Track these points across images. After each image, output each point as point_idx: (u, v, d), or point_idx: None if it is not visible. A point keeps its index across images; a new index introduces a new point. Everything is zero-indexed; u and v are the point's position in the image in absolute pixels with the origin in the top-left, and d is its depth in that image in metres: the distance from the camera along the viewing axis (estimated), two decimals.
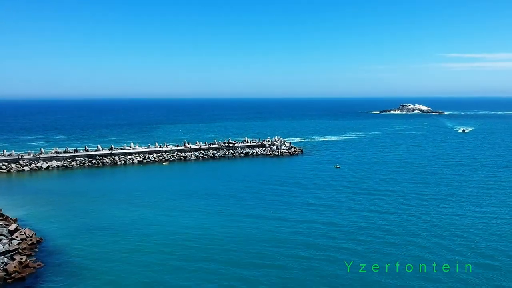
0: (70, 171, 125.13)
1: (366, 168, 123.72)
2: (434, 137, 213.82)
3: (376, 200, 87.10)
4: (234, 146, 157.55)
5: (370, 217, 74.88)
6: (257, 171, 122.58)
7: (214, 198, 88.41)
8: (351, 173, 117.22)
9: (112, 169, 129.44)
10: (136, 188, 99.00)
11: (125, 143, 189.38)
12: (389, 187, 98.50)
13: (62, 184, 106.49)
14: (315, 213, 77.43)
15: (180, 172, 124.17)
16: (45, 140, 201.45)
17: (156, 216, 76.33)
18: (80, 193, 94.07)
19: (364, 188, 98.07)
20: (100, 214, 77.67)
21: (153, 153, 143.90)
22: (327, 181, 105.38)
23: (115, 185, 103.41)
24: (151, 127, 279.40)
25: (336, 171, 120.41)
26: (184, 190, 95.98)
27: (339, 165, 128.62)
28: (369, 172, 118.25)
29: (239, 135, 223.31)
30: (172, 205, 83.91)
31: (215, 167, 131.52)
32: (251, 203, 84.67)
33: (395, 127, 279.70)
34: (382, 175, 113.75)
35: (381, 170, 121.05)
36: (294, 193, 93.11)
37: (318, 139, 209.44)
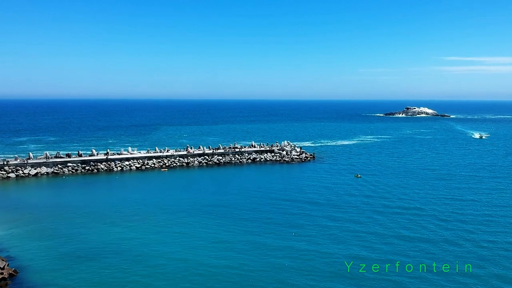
0: (61, 178, 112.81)
1: (388, 178, 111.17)
2: (450, 142, 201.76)
3: (406, 221, 73.64)
4: (241, 152, 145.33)
5: (402, 248, 60.65)
6: (267, 181, 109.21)
7: (220, 218, 74.84)
8: (372, 184, 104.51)
9: (108, 176, 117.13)
10: (133, 201, 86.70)
11: (123, 146, 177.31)
12: (419, 204, 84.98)
13: (49, 195, 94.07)
14: (333, 242, 62.78)
15: (182, 181, 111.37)
16: (37, 143, 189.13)
17: (154, 240, 64.02)
18: (69, 207, 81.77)
19: (389, 205, 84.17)
20: (90, 237, 65.36)
21: (152, 159, 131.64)
22: (345, 197, 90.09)
23: (109, 197, 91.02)
24: (150, 129, 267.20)
25: (354, 181, 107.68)
26: (186, 206, 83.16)
27: (360, 175, 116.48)
28: (392, 183, 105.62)
29: (244, 139, 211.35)
30: (172, 225, 71.39)
31: (220, 176, 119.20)
32: (262, 224, 71.30)
33: (405, 131, 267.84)
34: (408, 187, 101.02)
35: (406, 181, 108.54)
36: (307, 211, 79.53)
37: (328, 143, 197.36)
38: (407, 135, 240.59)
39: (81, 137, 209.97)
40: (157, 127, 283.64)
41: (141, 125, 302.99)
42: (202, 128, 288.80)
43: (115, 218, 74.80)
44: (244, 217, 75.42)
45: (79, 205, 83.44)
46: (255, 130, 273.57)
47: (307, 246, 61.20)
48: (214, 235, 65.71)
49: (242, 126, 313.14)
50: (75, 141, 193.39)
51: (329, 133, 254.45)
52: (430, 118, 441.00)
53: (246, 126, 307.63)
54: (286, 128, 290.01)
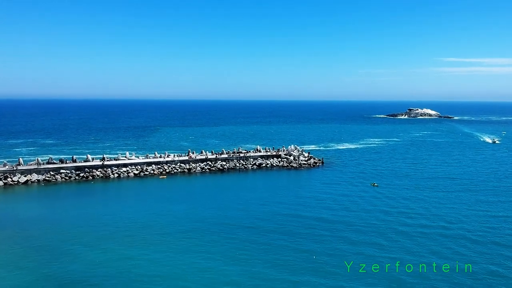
0: (53, 186, 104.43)
1: (405, 189, 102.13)
2: (463, 146, 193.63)
3: (433, 243, 64.33)
4: (246, 157, 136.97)
5: (436, 284, 52.18)
6: (274, 192, 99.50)
7: (224, 240, 65.62)
8: (388, 196, 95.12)
9: (103, 184, 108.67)
10: (129, 214, 78.65)
11: (121, 150, 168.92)
12: (444, 221, 75.22)
13: (38, 207, 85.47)
14: (355, 276, 53.30)
15: (182, 191, 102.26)
16: (32, 145, 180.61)
17: (151, 263, 55.83)
18: (59, 222, 73.52)
19: (411, 223, 74.53)
20: (79, 259, 57.08)
21: (152, 165, 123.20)
22: (360, 214, 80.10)
23: (102, 210, 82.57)
24: (149, 131, 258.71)
25: (368, 192, 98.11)
26: (186, 223, 74.69)
27: (377, 183, 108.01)
28: (410, 195, 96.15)
29: (247, 142, 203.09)
30: (171, 246, 63.01)
31: (224, 184, 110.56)
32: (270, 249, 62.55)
33: (412, 133, 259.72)
34: (429, 200, 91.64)
35: (426, 192, 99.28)
36: (320, 230, 70.34)
37: (335, 146, 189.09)
38: (415, 138, 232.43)
39: (77, 140, 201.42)
40: (157, 129, 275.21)
41: (140, 127, 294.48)
42: (203, 130, 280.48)
43: (108, 236, 66.52)
44: (250, 238, 65.91)
45: (70, 220, 75.13)
46: (258, 132, 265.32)
47: (324, 280, 51.87)
48: (216, 265, 56.73)
49: (244, 128, 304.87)
50: (71, 144, 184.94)
51: (334, 135, 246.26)
52: (434, 120, 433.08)
53: (248, 128, 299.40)
54: (289, 130, 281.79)
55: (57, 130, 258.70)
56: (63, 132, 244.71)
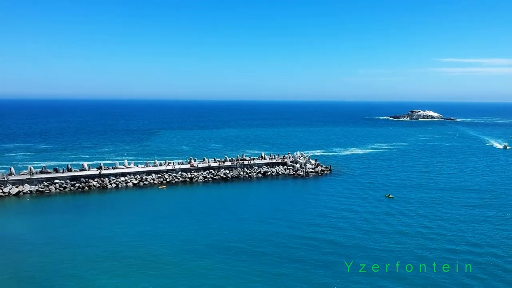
0: (47, 198, 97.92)
1: (422, 204, 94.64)
2: (472, 152, 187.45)
3: (463, 277, 57.64)
4: (250, 165, 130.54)
5: None
6: (280, 206, 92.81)
7: (220, 271, 59.52)
8: (404, 212, 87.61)
9: (100, 195, 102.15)
10: (124, 234, 72.34)
11: (119, 155, 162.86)
12: (471, 246, 67.78)
13: (27, 224, 78.83)
14: None
15: (183, 203, 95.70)
16: (27, 150, 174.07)
17: None
18: (50, 243, 67.20)
19: (434, 247, 66.95)
20: None
21: (151, 174, 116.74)
22: (375, 236, 72.71)
23: (97, 227, 76.12)
24: (148, 135, 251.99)
25: (381, 208, 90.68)
26: (188, 243, 68.53)
27: (392, 195, 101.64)
28: (428, 211, 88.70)
29: (249, 146, 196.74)
30: (175, 272, 56.86)
31: (226, 196, 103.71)
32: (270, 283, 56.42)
33: (419, 137, 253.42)
34: (450, 218, 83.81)
35: (446, 208, 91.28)
36: (332, 257, 62.96)
37: (341, 152, 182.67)
38: (423, 142, 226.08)
39: (75, 145, 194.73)
40: (156, 132, 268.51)
41: (139, 130, 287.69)
42: (203, 133, 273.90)
43: (103, 261, 60.05)
44: (253, 268, 58.61)
45: (63, 240, 68.73)
46: (260, 135, 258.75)
47: None
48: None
49: (245, 131, 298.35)
50: (68, 149, 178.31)
51: (338, 139, 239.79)
52: (437, 122, 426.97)
53: (249, 131, 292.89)
54: (292, 134, 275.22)
55: (54, 133, 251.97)
56: (60, 135, 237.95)
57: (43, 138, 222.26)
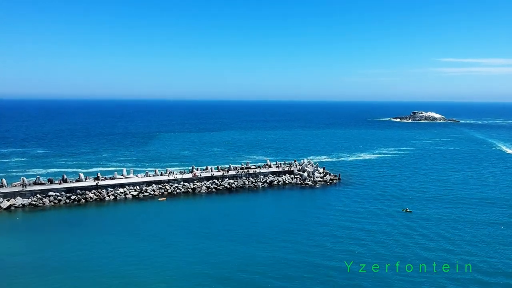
0: (40, 213, 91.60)
1: (442, 219, 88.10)
2: (485, 157, 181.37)
3: None
4: (255, 173, 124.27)
5: None
6: (286, 222, 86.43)
7: None
8: (423, 232, 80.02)
9: (97, 210, 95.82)
10: (121, 251, 66.46)
11: (118, 162, 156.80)
12: (504, 277, 60.88)
13: (17, 243, 72.52)
14: None
15: (184, 218, 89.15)
16: (22, 156, 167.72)
17: None
18: (36, 266, 61.76)
19: (462, 279, 60.06)
20: None
21: (152, 184, 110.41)
22: (394, 261, 65.71)
23: (91, 246, 70.06)
24: (148, 138, 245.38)
25: (397, 226, 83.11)
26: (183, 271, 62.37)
27: (409, 209, 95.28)
28: (452, 229, 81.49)
29: (251, 151, 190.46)
30: None
31: (232, 209, 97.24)
32: None
33: (425, 140, 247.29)
34: (476, 238, 76.88)
35: (468, 224, 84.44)
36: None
37: (347, 158, 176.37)
38: (430, 146, 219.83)
39: (72, 150, 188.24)
40: (156, 136, 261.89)
41: (138, 133, 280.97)
42: (204, 136, 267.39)
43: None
44: None
45: (54, 262, 62.91)
46: (262, 139, 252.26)
47: None
48: None
49: (246, 134, 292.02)
50: (64, 155, 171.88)
51: (343, 143, 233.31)
52: (441, 124, 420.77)
53: (251, 134, 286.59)
54: (295, 137, 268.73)
55: (52, 137, 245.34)
56: (57, 139, 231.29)
57: (39, 142, 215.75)
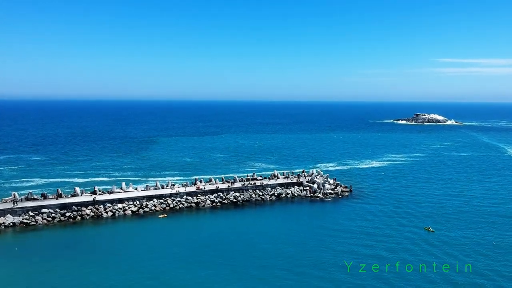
0: (32, 233, 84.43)
1: (469, 242, 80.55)
2: (496, 164, 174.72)
3: None
4: (262, 185, 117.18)
5: None
6: (296, 247, 78.50)
7: None
8: (453, 255, 73.38)
9: (94, 228, 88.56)
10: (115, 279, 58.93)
11: (116, 171, 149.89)
12: None
13: (3, 269, 65.29)
14: None
15: (185, 239, 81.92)
16: (16, 163, 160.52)
17: None
18: None
19: None
20: None
21: (153, 199, 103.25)
22: None
23: (86, 272, 62.77)
24: (148, 143, 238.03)
25: (418, 253, 74.81)
26: None
27: (432, 228, 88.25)
28: (483, 252, 74.62)
29: (255, 158, 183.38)
30: None
31: (238, 227, 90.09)
32: None
33: (433, 145, 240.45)
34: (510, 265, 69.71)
35: (499, 251, 76.21)
36: None
37: (356, 165, 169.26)
38: (439, 152, 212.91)
39: (69, 157, 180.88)
40: (156, 140, 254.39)
41: (138, 138, 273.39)
42: (205, 140, 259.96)
43: None
44: None
45: None
46: (266, 144, 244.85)
47: None
48: None
49: (248, 138, 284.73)
50: (60, 163, 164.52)
51: (349, 148, 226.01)
52: (445, 127, 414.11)
53: (253, 139, 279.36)
54: (299, 142, 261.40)
55: (48, 141, 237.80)
56: (54, 145, 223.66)
57: (35, 148, 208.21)
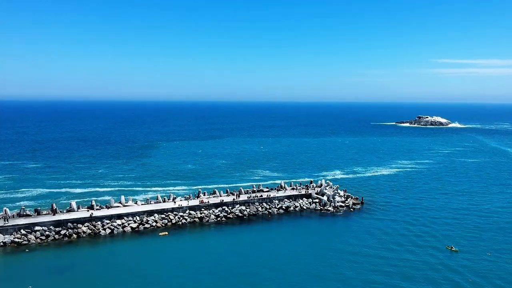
0: (23, 254, 78.19)
1: (499, 263, 74.94)
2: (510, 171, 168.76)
3: None
4: (269, 198, 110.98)
5: None
6: (305, 268, 73.49)
7: None
8: (484, 283, 67.43)
9: (90, 248, 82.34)
10: None
11: (116, 179, 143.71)
12: None
13: None
14: None
15: (186, 263, 75.91)
16: (11, 171, 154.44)
17: None
18: None
19: None
20: None
21: (154, 214, 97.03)
22: None
23: None
24: (148, 148, 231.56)
25: (442, 284, 68.11)
26: None
27: (455, 248, 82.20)
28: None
29: (257, 165, 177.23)
30: None
31: (242, 246, 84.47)
32: None
33: (440, 150, 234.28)
34: None
35: None
36: None
37: (364, 173, 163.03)
38: (448, 157, 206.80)
39: (67, 164, 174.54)
40: (156, 145, 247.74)
41: (137, 142, 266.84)
42: (206, 145, 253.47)
43: None
44: None
45: None
46: (268, 150, 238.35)
47: None
48: None
49: (250, 142, 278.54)
50: (57, 171, 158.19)
51: (353, 154, 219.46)
52: (448, 130, 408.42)
53: (255, 143, 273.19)
54: (302, 147, 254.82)
55: (46, 146, 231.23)
56: (51, 150, 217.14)
57: (32, 154, 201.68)
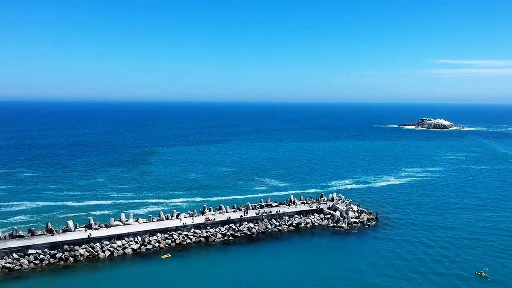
0: (14, 282, 71.57)
1: None
2: None
3: None
4: (279, 214, 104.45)
5: None
6: None
7: None
8: None
9: (88, 274, 75.75)
10: None
11: (115, 190, 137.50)
12: None
13: None
14: None
15: None
16: (6, 181, 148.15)
17: None
18: None
19: None
20: None
21: (156, 233, 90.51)
22: None
23: None
24: (148, 155, 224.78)
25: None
26: None
27: (485, 273, 75.97)
28: None
29: (263, 174, 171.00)
30: None
31: (249, 271, 77.82)
32: None
33: (449, 156, 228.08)
34: None
35: None
36: None
37: (374, 183, 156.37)
38: (459, 164, 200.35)
39: (64, 172, 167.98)
40: (157, 152, 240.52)
41: (137, 147, 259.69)
42: (208, 151, 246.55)
43: None
44: None
45: None
46: (272, 155, 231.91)
47: None
48: None
49: (252, 147, 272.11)
50: (54, 181, 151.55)
51: (361, 161, 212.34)
52: (452, 133, 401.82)
53: (257, 149, 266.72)
54: (306, 153, 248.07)
55: (43, 153, 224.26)
56: (49, 157, 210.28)
57: (29, 162, 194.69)
